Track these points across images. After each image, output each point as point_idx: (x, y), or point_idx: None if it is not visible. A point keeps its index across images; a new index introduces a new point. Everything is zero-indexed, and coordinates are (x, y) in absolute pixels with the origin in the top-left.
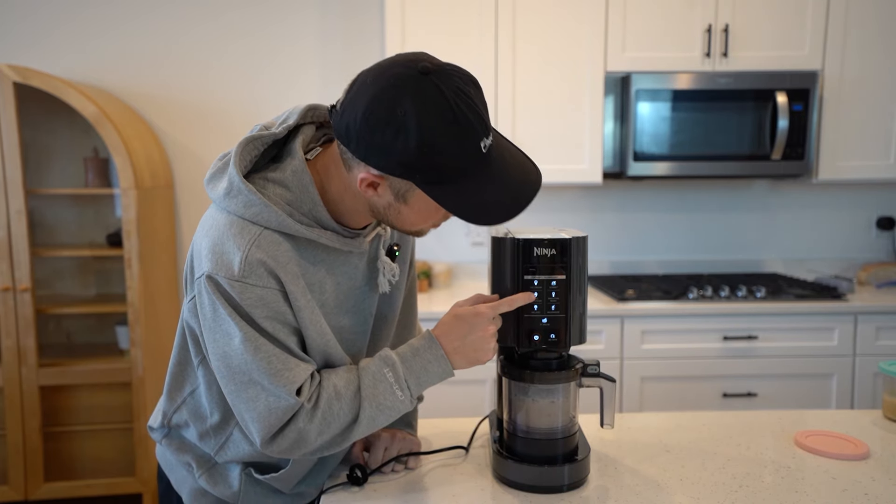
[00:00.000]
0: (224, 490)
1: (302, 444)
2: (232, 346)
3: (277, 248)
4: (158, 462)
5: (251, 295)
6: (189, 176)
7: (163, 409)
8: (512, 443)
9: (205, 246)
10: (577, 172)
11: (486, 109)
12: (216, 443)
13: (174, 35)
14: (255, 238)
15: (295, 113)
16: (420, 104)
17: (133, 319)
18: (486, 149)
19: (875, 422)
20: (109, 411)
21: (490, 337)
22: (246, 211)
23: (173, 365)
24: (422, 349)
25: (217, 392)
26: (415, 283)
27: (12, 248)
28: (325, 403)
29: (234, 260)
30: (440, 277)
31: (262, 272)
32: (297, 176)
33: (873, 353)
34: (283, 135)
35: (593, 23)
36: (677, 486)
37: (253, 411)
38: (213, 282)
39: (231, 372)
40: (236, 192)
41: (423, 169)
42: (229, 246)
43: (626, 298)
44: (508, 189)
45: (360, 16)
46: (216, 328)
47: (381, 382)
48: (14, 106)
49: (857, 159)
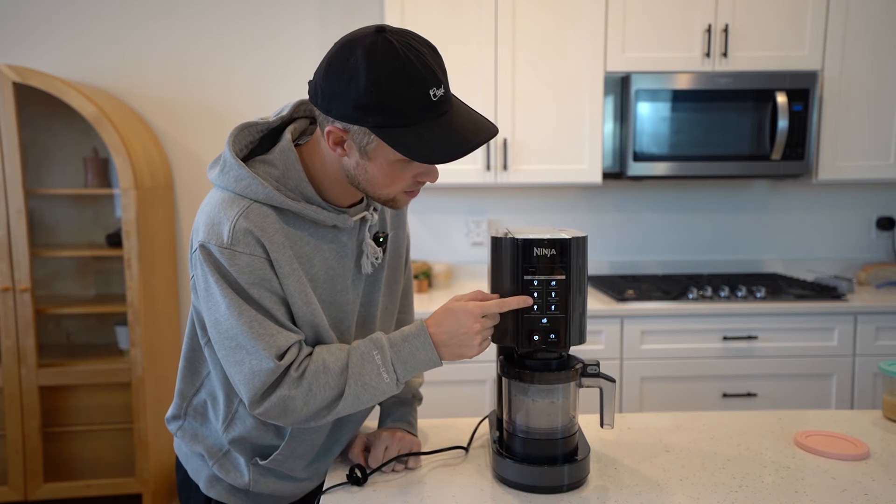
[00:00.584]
0: (236, 478)
1: (289, 412)
2: (220, 311)
3: (265, 219)
4: (176, 454)
5: (239, 262)
6: (189, 176)
7: (181, 393)
8: (512, 443)
9: (201, 221)
10: (577, 172)
11: (439, 68)
12: (225, 421)
13: (174, 35)
14: (244, 210)
15: (289, 105)
16: (371, 52)
17: (133, 320)
18: (436, 97)
19: (875, 422)
20: (109, 411)
21: (474, 334)
22: (237, 185)
23: (187, 350)
24: (412, 336)
25: (221, 370)
26: (410, 283)
27: (12, 248)
28: (311, 375)
29: (223, 230)
30: (440, 277)
31: (249, 240)
32: (283, 154)
33: (873, 354)
34: (277, 123)
35: (593, 23)
36: (677, 487)
37: (240, 374)
38: (205, 251)
39: (221, 337)
40: (228, 168)
41: (374, 111)
42: (220, 217)
43: (626, 298)
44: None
45: (360, 16)
46: (208, 297)
47: (369, 363)
48: (14, 106)
49: (856, 159)
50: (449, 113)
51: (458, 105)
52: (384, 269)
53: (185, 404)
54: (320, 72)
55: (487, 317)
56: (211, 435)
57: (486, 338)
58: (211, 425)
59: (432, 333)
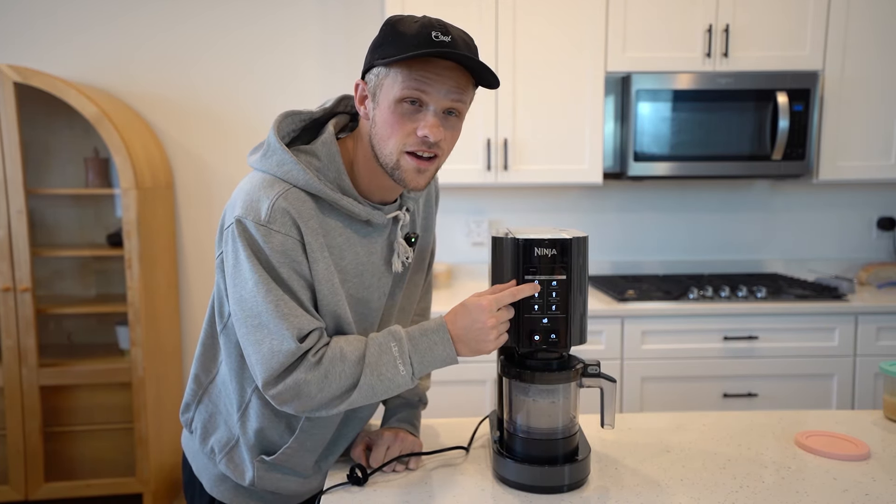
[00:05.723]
0: (241, 476)
1: (302, 396)
2: (247, 288)
3: (303, 204)
4: (183, 450)
5: (273, 240)
6: (189, 176)
7: (196, 378)
8: (512, 443)
9: (239, 197)
10: (578, 173)
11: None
12: (239, 410)
13: (175, 35)
14: (284, 192)
15: (332, 99)
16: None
17: (133, 319)
18: (437, 39)
19: (876, 422)
20: (110, 411)
21: (489, 329)
22: (278, 169)
23: (205, 336)
24: (430, 331)
25: (236, 358)
26: (431, 285)
27: (13, 248)
28: (328, 361)
29: (262, 207)
30: (440, 277)
31: (286, 220)
32: (325, 146)
33: (874, 354)
34: (320, 115)
35: (594, 23)
36: (678, 487)
37: (258, 353)
38: (241, 225)
39: (245, 314)
40: (272, 152)
41: (381, 47)
42: (259, 195)
43: (627, 299)
44: None
45: (361, 16)
46: (237, 274)
47: (386, 354)
48: (14, 106)
49: (857, 159)
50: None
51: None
52: (409, 269)
53: (201, 391)
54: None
55: (502, 309)
56: (223, 424)
57: (502, 332)
58: (223, 415)
59: (450, 329)
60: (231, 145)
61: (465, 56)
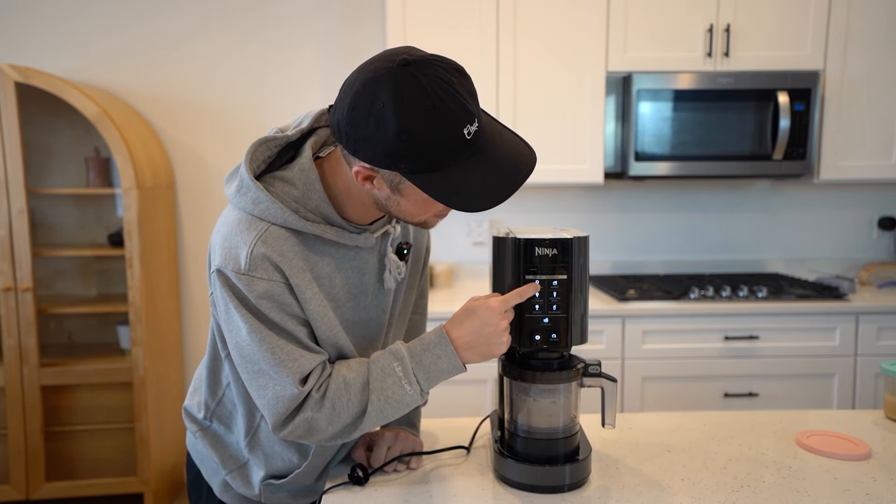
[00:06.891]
0: (248, 492)
1: (314, 432)
2: (241, 336)
3: (283, 243)
4: (188, 451)
5: (257, 288)
6: (190, 176)
7: (206, 403)
8: (513, 442)
9: (217, 241)
10: (579, 172)
11: (471, 96)
12: (248, 435)
13: (175, 35)
14: (262, 234)
15: (309, 117)
16: (397, 94)
17: (134, 319)
18: (470, 135)
19: (876, 422)
20: (111, 411)
21: (502, 331)
22: (254, 208)
23: (209, 360)
24: (432, 344)
25: (241, 385)
26: (427, 285)
27: (14, 247)
28: (333, 394)
29: (240, 255)
30: (441, 277)
31: (266, 266)
32: (303, 173)
33: (875, 354)
34: (296, 138)
35: (594, 23)
36: (678, 487)
37: (263, 399)
38: (222, 276)
39: (244, 361)
40: (245, 189)
41: (406, 157)
42: (237, 241)
43: (628, 298)
44: (497, 175)
45: (362, 18)
46: (228, 320)
47: (390, 376)
48: (15, 105)
49: (858, 159)
50: (484, 148)
51: (491, 132)
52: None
53: (209, 413)
54: (343, 111)
55: (509, 311)
56: (232, 444)
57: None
58: (234, 435)
59: (454, 338)
60: (232, 145)
61: (518, 182)
